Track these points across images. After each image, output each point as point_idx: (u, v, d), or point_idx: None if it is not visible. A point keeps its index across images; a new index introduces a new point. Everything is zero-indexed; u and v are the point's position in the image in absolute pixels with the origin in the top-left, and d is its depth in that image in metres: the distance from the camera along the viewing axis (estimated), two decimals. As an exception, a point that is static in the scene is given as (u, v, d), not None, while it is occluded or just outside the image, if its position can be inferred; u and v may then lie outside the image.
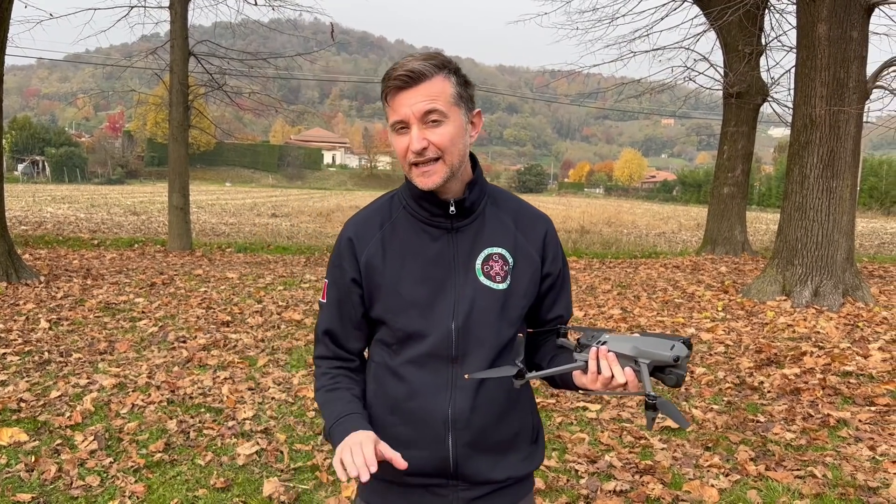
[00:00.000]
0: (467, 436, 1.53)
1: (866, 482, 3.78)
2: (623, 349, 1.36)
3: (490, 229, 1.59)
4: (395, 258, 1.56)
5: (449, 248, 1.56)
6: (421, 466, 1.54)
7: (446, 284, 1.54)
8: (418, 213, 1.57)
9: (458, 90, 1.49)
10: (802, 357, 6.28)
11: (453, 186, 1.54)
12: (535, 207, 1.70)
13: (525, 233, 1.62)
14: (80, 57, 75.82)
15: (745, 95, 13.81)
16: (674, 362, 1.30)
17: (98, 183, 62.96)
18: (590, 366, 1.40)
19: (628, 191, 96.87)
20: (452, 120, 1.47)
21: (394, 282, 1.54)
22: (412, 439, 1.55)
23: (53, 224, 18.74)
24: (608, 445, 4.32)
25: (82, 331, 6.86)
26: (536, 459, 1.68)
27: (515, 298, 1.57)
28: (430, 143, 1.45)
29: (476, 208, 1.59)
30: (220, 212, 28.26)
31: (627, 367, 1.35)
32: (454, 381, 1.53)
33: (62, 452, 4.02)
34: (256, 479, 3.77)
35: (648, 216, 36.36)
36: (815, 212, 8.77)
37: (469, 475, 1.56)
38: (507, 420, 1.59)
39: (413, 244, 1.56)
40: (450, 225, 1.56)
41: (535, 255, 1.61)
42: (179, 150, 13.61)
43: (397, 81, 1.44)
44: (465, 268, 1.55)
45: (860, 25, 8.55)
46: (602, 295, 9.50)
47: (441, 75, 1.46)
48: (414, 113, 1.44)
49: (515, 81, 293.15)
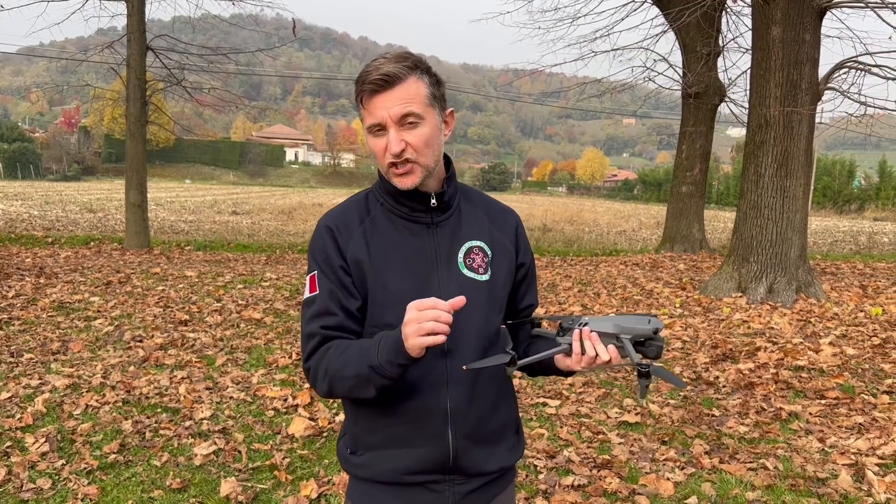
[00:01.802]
0: (465, 428, 1.56)
1: (816, 473, 3.88)
2: (605, 328, 1.44)
3: (467, 223, 1.64)
4: (378, 254, 1.56)
5: (430, 242, 1.58)
6: (420, 463, 1.56)
7: (431, 278, 1.55)
8: (398, 209, 1.58)
9: (432, 90, 1.51)
10: (756, 352, 6.42)
11: (431, 183, 1.57)
12: (501, 202, 1.77)
13: (498, 226, 1.68)
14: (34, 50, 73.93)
15: (704, 96, 14.05)
16: (654, 334, 1.40)
17: (53, 179, 61.43)
18: (574, 347, 1.47)
19: (590, 189, 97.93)
20: (428, 121, 1.49)
21: (380, 277, 1.54)
22: (410, 437, 1.55)
23: (5, 221, 18.23)
24: (567, 441, 4.36)
25: (35, 331, 6.69)
26: (520, 449, 1.74)
27: (497, 289, 1.62)
28: (407, 144, 1.47)
29: (453, 203, 1.63)
30: (180, 209, 27.80)
31: (610, 345, 1.44)
32: (449, 375, 1.54)
33: (12, 455, 3.93)
34: (214, 479, 3.73)
35: (610, 215, 36.79)
36: (769, 210, 8.97)
37: (466, 468, 1.59)
38: (499, 410, 1.64)
39: (394, 240, 1.57)
40: (430, 220, 1.59)
41: (509, 246, 1.68)
42: (137, 147, 13.35)
43: (372, 85, 1.45)
44: (447, 261, 1.58)
45: (812, 28, 8.76)
46: (563, 292, 9.59)
47: (414, 76, 1.48)
48: (391, 116, 1.45)
49: (479, 80, 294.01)
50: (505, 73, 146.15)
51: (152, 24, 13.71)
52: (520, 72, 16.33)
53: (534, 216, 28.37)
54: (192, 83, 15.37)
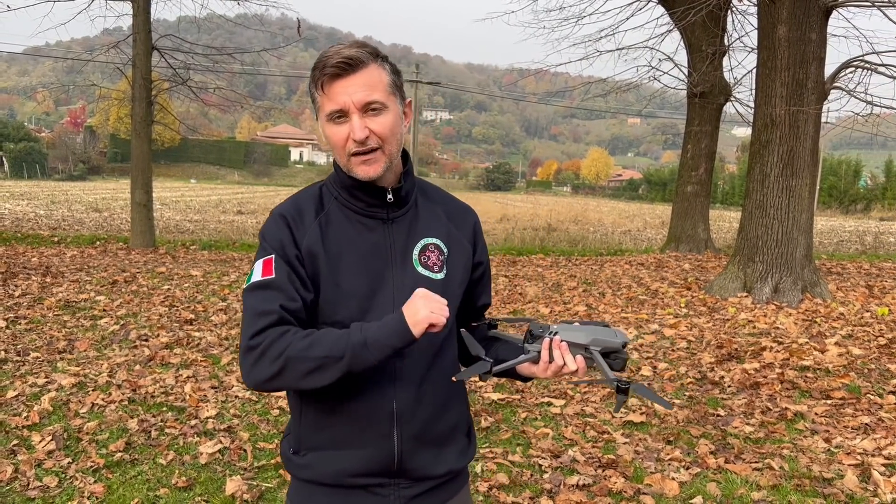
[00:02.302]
0: (412, 429, 1.52)
1: (821, 473, 3.87)
2: (575, 338, 1.42)
3: (424, 220, 1.59)
4: (333, 249, 1.51)
5: (385, 238, 1.54)
6: (364, 466, 1.51)
7: (385, 275, 1.52)
8: (353, 203, 1.54)
9: (393, 78, 1.48)
10: (762, 352, 6.41)
11: (388, 177, 1.52)
12: (460, 199, 1.73)
13: (456, 223, 1.64)
14: (40, 50, 74.15)
15: (709, 95, 14.02)
16: (621, 347, 1.39)
17: (59, 179, 61.62)
18: (542, 355, 1.45)
19: (595, 189, 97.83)
20: (391, 109, 1.46)
21: (333, 273, 1.50)
22: (354, 438, 1.51)
23: (11, 221, 18.30)
24: (572, 440, 4.36)
25: (41, 329, 6.72)
26: (470, 452, 1.68)
27: (452, 287, 1.57)
28: (371, 131, 1.43)
29: (410, 198, 1.58)
30: (185, 209, 27.87)
31: (578, 355, 1.42)
32: (397, 374, 1.50)
33: (19, 453, 3.94)
34: (219, 478, 3.74)
35: (614, 214, 36.74)
36: (775, 210, 8.94)
37: (412, 470, 1.54)
38: (448, 411, 1.59)
39: (349, 235, 1.53)
40: (385, 215, 1.54)
41: (466, 244, 1.64)
42: (142, 146, 13.38)
43: (334, 69, 1.40)
44: (402, 258, 1.54)
45: (818, 27, 8.73)
46: (568, 292, 9.58)
47: (376, 63, 1.44)
48: (354, 102, 1.41)
49: (484, 79, 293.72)
50: (510, 72, 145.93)
51: (158, 23, 13.74)
52: (525, 71, 16.33)
53: (538, 216, 28.36)
54: (197, 83, 15.40)
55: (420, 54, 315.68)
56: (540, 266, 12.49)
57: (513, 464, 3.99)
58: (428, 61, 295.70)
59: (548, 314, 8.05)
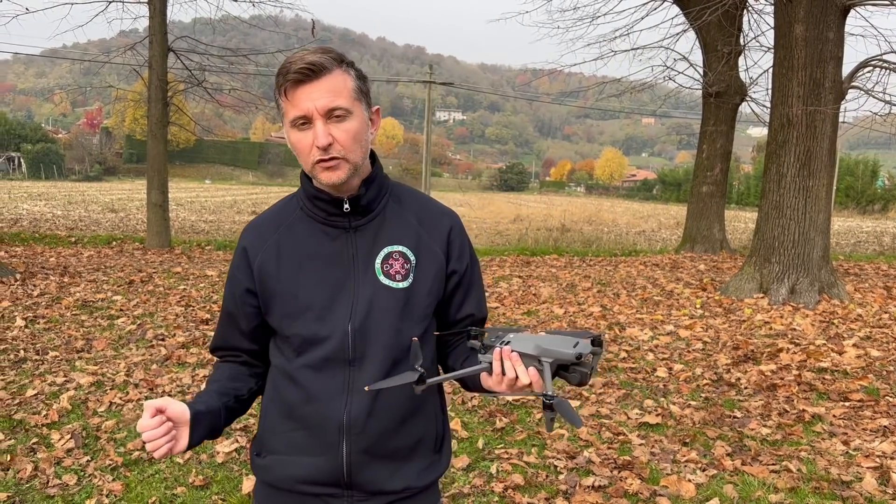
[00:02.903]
0: (363, 442, 1.48)
1: (840, 476, 3.84)
2: (526, 348, 1.32)
3: (391, 227, 1.55)
4: (290, 261, 1.51)
5: (347, 247, 1.52)
6: (314, 474, 1.50)
7: (345, 285, 1.49)
8: (315, 213, 1.53)
9: (359, 84, 1.46)
10: (779, 353, 6.36)
11: (354, 183, 1.50)
12: (442, 204, 1.68)
13: (429, 230, 1.58)
14: (57, 52, 74.80)
15: (724, 95, 13.93)
16: (576, 360, 1.26)
17: (75, 180, 62.21)
18: (494, 367, 1.35)
19: (609, 189, 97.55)
20: (356, 115, 1.44)
21: (290, 286, 1.50)
22: (307, 445, 1.50)
23: (29, 221, 18.49)
24: (587, 441, 4.35)
25: (59, 329, 6.78)
26: (439, 468, 1.62)
27: (419, 297, 1.53)
28: (334, 139, 1.41)
29: (375, 206, 1.55)
30: (200, 209, 28.04)
31: (532, 367, 1.31)
32: (351, 386, 1.47)
33: (38, 451, 3.99)
34: (236, 477, 3.76)
35: (629, 215, 36.60)
36: (791, 210, 8.88)
37: (363, 483, 1.51)
38: (408, 426, 1.53)
39: (310, 245, 1.52)
40: (348, 224, 1.52)
41: (438, 252, 1.57)
42: (158, 147, 13.48)
43: (297, 75, 1.38)
44: (364, 267, 1.51)
45: (836, 26, 8.66)
46: (582, 293, 9.55)
47: (341, 69, 1.42)
48: (317, 108, 1.39)
49: (497, 80, 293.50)
50: (523, 72, 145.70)
51: (173, 25, 13.84)
52: (538, 72, 16.29)
53: (552, 216, 28.31)
54: (212, 84, 15.50)
55: (433, 55, 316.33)
56: (554, 266, 12.47)
57: (528, 464, 3.98)
58: (441, 62, 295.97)
59: (562, 315, 8.03)
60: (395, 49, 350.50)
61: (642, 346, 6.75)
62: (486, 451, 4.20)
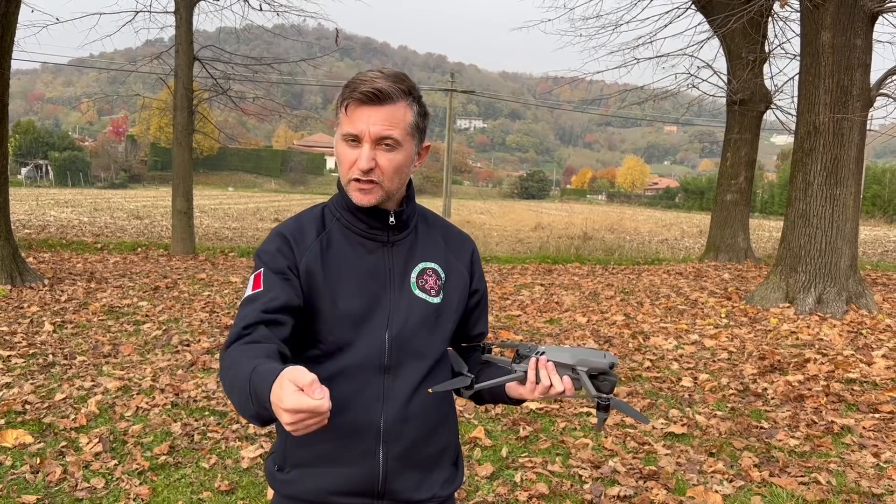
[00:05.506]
0: (398, 448, 1.51)
1: (870, 489, 3.78)
2: (562, 358, 1.44)
3: (423, 245, 1.61)
4: (332, 269, 1.52)
5: (384, 261, 1.55)
6: (348, 484, 1.51)
7: (381, 297, 1.52)
8: (355, 225, 1.55)
9: (417, 120, 1.48)
10: (806, 364, 6.28)
11: (389, 204, 1.54)
12: (459, 228, 1.76)
13: (454, 251, 1.66)
14: (85, 61, 76.04)
15: (749, 103, 13.82)
16: (609, 368, 1.39)
17: (101, 187, 63.03)
18: (529, 375, 1.46)
19: (631, 197, 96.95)
20: (405, 149, 1.46)
21: (331, 292, 1.50)
22: (339, 456, 1.50)
23: (57, 227, 18.77)
24: (612, 451, 4.32)
25: (86, 334, 6.87)
26: (456, 482, 1.67)
27: (448, 313, 1.59)
28: (377, 165, 1.44)
29: (411, 223, 1.60)
30: (224, 216, 28.29)
31: (565, 376, 1.44)
32: (386, 392, 1.50)
33: (67, 454, 4.03)
34: (261, 483, 3.78)
35: (651, 223, 36.36)
36: (818, 219, 8.77)
37: (396, 492, 1.53)
38: (436, 435, 1.59)
39: (349, 256, 1.54)
40: (386, 238, 1.56)
41: (464, 271, 1.65)
42: (183, 155, 13.65)
43: (362, 97, 1.41)
44: (400, 281, 1.55)
45: (864, 33, 8.57)
46: (605, 301, 9.50)
47: (405, 101, 1.45)
48: (371, 133, 1.41)
49: (518, 88, 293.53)
50: (544, 80, 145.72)
51: (198, 34, 14.03)
52: (560, 80, 16.30)
53: (573, 224, 28.18)
54: (236, 92, 15.68)
55: (454, 63, 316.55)
56: (576, 275, 12.41)
57: (552, 473, 3.96)
58: (462, 70, 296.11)
59: (585, 323, 7.99)
60: (416, 57, 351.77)
61: (666, 355, 6.70)
62: (509, 459, 4.18)
